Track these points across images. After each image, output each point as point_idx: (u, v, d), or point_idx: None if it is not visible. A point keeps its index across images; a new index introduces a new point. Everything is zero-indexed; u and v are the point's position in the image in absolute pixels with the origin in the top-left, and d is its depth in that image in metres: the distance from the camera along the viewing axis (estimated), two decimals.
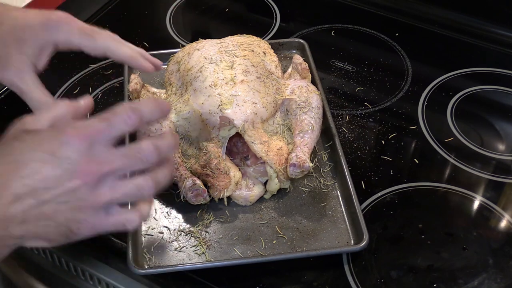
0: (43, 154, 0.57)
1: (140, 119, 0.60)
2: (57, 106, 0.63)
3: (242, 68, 0.91)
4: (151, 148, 0.60)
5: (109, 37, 0.76)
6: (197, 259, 0.81)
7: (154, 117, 0.62)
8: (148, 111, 0.61)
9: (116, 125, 0.59)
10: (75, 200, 0.58)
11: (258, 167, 0.88)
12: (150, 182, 0.61)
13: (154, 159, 0.61)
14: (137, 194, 0.61)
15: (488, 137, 1.00)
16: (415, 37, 1.19)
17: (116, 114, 0.60)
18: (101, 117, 0.60)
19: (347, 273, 0.80)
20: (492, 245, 0.84)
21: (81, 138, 0.58)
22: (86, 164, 0.57)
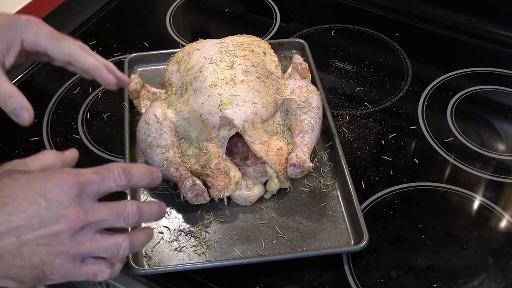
0: (32, 194, 0.57)
1: (129, 182, 0.62)
2: (46, 154, 0.65)
3: (242, 68, 0.91)
4: (135, 210, 0.62)
5: (76, 45, 0.75)
6: (197, 259, 0.81)
7: (143, 182, 0.64)
8: (139, 176, 0.63)
9: (106, 181, 0.61)
10: (55, 244, 0.58)
11: (258, 167, 0.88)
12: (127, 243, 0.62)
13: (134, 221, 0.62)
14: (113, 251, 0.61)
15: (488, 137, 1.00)
16: (415, 37, 1.19)
17: (108, 171, 0.61)
18: (94, 170, 0.61)
19: (347, 273, 0.80)
20: (492, 245, 0.84)
21: (73, 184, 0.58)
22: (74, 210, 0.58)
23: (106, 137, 0.99)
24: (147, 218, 0.65)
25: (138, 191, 0.89)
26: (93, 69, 0.75)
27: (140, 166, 0.65)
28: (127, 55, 1.08)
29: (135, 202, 0.63)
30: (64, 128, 1.01)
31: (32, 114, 0.68)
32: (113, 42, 1.18)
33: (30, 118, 0.68)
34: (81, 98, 1.06)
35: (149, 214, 0.64)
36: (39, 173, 0.61)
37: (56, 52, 0.74)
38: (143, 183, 0.64)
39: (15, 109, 0.68)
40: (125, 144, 0.92)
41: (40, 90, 1.10)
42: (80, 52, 0.74)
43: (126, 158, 0.90)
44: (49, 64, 1.07)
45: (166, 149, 0.87)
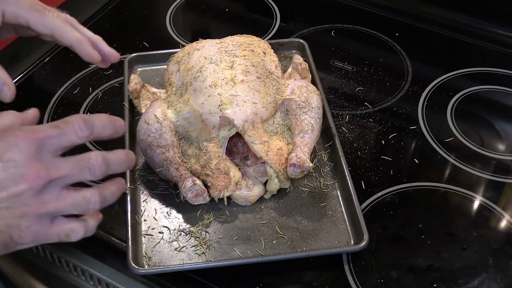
0: None
1: (91, 133, 0.59)
2: (4, 114, 0.62)
3: (242, 68, 0.91)
4: (100, 160, 0.59)
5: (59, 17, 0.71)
6: (197, 259, 0.81)
7: (107, 132, 0.61)
8: (101, 125, 0.60)
9: (67, 134, 0.58)
10: (19, 205, 0.55)
11: (258, 167, 0.88)
12: (96, 196, 0.59)
13: (101, 172, 0.59)
14: (83, 206, 0.59)
15: (488, 137, 1.00)
16: (415, 37, 1.19)
17: (68, 123, 0.58)
18: (53, 124, 0.58)
19: (347, 273, 0.80)
20: (492, 245, 0.84)
21: (29, 141, 0.56)
22: (33, 168, 0.55)
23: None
24: (115, 167, 0.61)
25: (138, 191, 0.89)
26: (76, 44, 0.71)
27: (102, 116, 0.61)
28: (127, 55, 1.08)
29: (100, 152, 0.60)
30: None
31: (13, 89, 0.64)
32: (113, 42, 1.17)
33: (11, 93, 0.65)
34: (81, 98, 1.06)
35: (116, 163, 0.61)
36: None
37: (38, 24, 0.70)
38: (106, 133, 0.60)
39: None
40: (125, 144, 0.92)
41: (40, 90, 1.10)
42: (63, 25, 0.70)
43: None
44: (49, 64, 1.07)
45: (166, 149, 0.87)
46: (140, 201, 0.88)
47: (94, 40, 0.73)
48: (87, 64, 1.12)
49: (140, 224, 0.85)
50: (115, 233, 0.84)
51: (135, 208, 0.86)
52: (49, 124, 0.58)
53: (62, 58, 1.14)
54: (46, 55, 1.14)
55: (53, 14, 0.70)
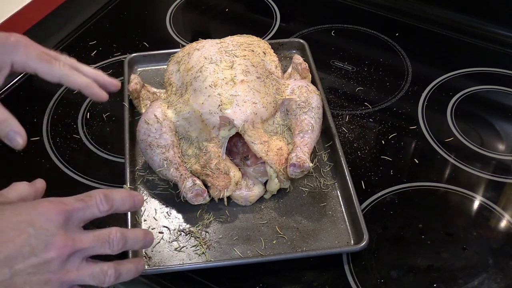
0: (20, 224, 0.58)
1: (111, 207, 0.64)
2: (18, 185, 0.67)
3: (242, 68, 0.91)
4: (119, 236, 0.63)
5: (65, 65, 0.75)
6: (197, 259, 0.81)
7: (125, 207, 0.66)
8: (120, 200, 0.65)
9: (90, 207, 0.62)
10: (45, 272, 0.58)
11: (258, 167, 0.88)
12: (113, 270, 0.63)
13: (119, 247, 0.63)
14: (100, 278, 0.62)
15: (488, 137, 1.00)
16: (415, 37, 1.19)
17: (91, 198, 0.63)
18: (77, 197, 0.62)
19: (347, 273, 0.80)
20: (492, 245, 0.84)
21: (59, 212, 0.59)
22: (62, 238, 0.59)
23: (106, 137, 0.99)
24: (132, 244, 0.66)
25: (138, 191, 0.89)
26: (85, 88, 0.75)
27: (122, 191, 0.66)
28: (127, 55, 1.08)
29: (119, 229, 0.64)
30: (64, 128, 1.01)
31: (25, 138, 0.68)
32: (113, 42, 1.18)
33: (24, 142, 0.68)
34: (81, 98, 1.06)
35: (134, 241, 0.65)
36: (22, 204, 0.62)
37: (46, 74, 0.73)
38: (125, 207, 0.66)
39: (8, 134, 0.68)
40: (125, 144, 0.92)
41: (40, 90, 1.09)
42: (70, 73, 0.74)
43: (126, 158, 0.90)
44: None
45: (166, 149, 0.87)
46: None
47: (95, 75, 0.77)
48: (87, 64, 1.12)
49: (140, 224, 0.85)
50: None
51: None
52: (74, 197, 0.62)
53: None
54: None
55: (59, 64, 0.74)
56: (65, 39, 1.18)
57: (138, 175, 0.91)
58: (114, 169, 0.94)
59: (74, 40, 1.18)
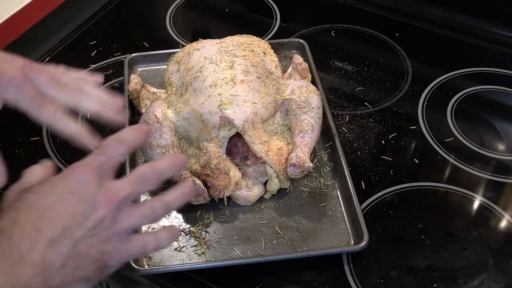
0: (62, 195, 0.59)
1: (129, 147, 0.64)
2: (34, 169, 0.66)
3: (242, 68, 0.91)
4: (150, 170, 0.63)
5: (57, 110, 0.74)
6: (197, 259, 0.81)
7: (140, 140, 0.65)
8: (133, 137, 0.65)
9: (112, 155, 0.62)
10: (102, 230, 0.59)
11: (258, 167, 0.88)
12: (160, 202, 0.63)
13: (157, 178, 0.63)
14: (151, 215, 0.62)
15: (488, 137, 1.00)
16: (415, 37, 1.19)
17: (107, 147, 0.63)
18: (96, 153, 0.63)
19: (347, 273, 0.80)
20: (492, 245, 0.84)
21: (91, 173, 0.60)
22: (103, 194, 0.59)
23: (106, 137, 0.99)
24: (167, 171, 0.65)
25: None
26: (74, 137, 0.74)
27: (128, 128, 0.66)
28: (127, 55, 1.08)
29: (147, 164, 0.64)
30: None
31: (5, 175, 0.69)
32: (113, 42, 1.18)
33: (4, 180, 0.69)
34: None
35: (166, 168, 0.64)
36: (53, 178, 0.61)
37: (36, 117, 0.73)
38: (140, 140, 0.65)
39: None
40: None
41: None
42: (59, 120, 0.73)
43: (126, 158, 0.90)
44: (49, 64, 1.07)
45: (166, 149, 0.87)
46: (140, 201, 0.88)
47: (101, 103, 0.76)
48: (87, 64, 1.13)
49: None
50: None
51: None
52: (93, 155, 0.63)
53: (62, 58, 1.14)
54: (46, 55, 1.14)
55: (50, 108, 0.73)
56: (65, 39, 1.18)
57: None
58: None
59: (74, 40, 1.18)
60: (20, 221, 0.57)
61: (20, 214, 0.58)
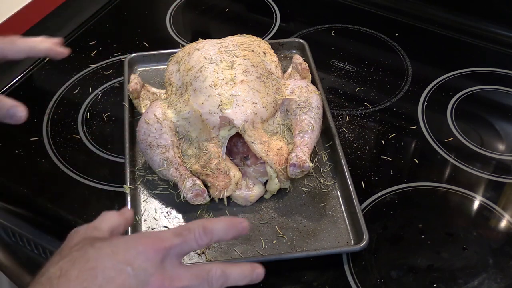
0: (119, 263, 0.57)
1: (210, 240, 0.61)
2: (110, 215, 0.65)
3: (242, 68, 0.91)
4: (219, 273, 0.60)
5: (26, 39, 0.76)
6: (197, 259, 0.81)
7: (229, 237, 0.62)
8: (222, 232, 0.61)
9: (188, 242, 0.60)
10: None
11: (258, 167, 0.88)
12: None
13: (219, 284, 0.60)
14: None
15: (488, 137, 1.00)
16: (415, 37, 1.19)
17: (190, 231, 0.60)
18: (175, 232, 0.60)
19: (347, 273, 0.80)
20: (492, 245, 0.84)
21: (157, 250, 0.58)
22: (159, 277, 0.57)
23: (106, 137, 0.99)
24: (236, 280, 0.61)
25: (138, 191, 0.89)
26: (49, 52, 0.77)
27: (223, 220, 0.62)
28: (127, 55, 1.09)
29: (220, 265, 0.61)
30: (64, 128, 1.01)
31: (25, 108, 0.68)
32: (113, 42, 1.18)
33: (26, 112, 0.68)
34: (81, 98, 1.06)
35: (238, 277, 0.62)
36: (119, 240, 0.60)
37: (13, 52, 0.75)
38: (228, 237, 0.62)
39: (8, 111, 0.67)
40: (125, 144, 0.92)
41: (40, 90, 1.10)
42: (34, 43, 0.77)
43: (126, 158, 0.90)
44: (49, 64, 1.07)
45: (166, 149, 0.87)
46: (140, 201, 0.88)
47: None
48: (87, 64, 1.13)
49: (140, 224, 0.85)
50: None
51: (135, 208, 0.86)
52: (172, 232, 0.60)
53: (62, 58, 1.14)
54: None
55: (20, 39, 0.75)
56: (65, 39, 1.18)
57: (138, 175, 0.91)
58: (114, 169, 0.94)
59: (74, 40, 1.18)
60: (70, 275, 0.56)
61: (73, 267, 0.56)
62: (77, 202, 0.90)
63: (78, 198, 0.90)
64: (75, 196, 0.91)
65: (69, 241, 0.61)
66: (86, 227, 0.63)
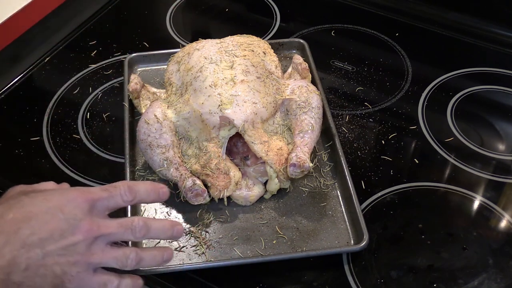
0: (51, 209, 0.63)
1: (134, 197, 0.67)
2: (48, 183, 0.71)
3: (242, 68, 0.91)
4: (141, 224, 0.66)
5: None
6: (197, 259, 0.81)
7: (150, 199, 0.70)
8: (145, 192, 0.68)
9: (114, 197, 0.66)
10: (73, 253, 0.63)
11: (258, 167, 0.88)
12: (134, 254, 0.66)
13: (142, 234, 0.67)
14: (122, 261, 0.66)
15: (488, 137, 1.00)
16: (415, 37, 1.19)
17: (115, 188, 0.67)
18: (103, 187, 0.67)
19: (347, 273, 0.80)
20: (492, 245, 0.84)
21: (85, 200, 0.64)
22: (88, 222, 0.63)
23: (106, 137, 0.99)
24: (157, 234, 0.69)
25: None
26: None
27: (147, 183, 0.70)
28: (127, 55, 1.08)
29: (143, 217, 0.68)
30: (64, 128, 1.01)
31: None
32: (113, 42, 1.18)
33: None
34: (81, 98, 1.06)
35: (158, 231, 0.68)
36: (53, 191, 0.66)
37: None
38: (150, 199, 0.69)
39: None
40: (125, 144, 0.92)
41: (40, 90, 1.09)
42: None
43: (126, 158, 0.90)
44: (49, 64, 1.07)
45: (166, 149, 0.87)
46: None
47: None
48: (87, 64, 1.13)
49: None
50: None
51: (135, 208, 0.86)
52: (100, 187, 0.67)
53: (62, 58, 1.14)
54: (46, 55, 1.14)
55: None
56: (65, 39, 1.18)
57: (138, 175, 0.91)
58: (114, 169, 0.94)
59: (74, 40, 1.18)
60: (6, 217, 0.62)
61: (9, 211, 0.62)
62: None
63: None
64: None
65: (6, 195, 0.67)
66: (23, 186, 0.69)
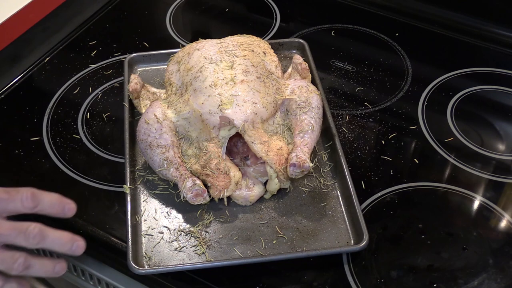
0: None
1: (35, 206, 0.65)
2: None
3: (242, 68, 0.91)
4: (37, 231, 0.64)
5: None
6: (197, 259, 0.81)
7: (53, 211, 0.67)
8: (48, 203, 0.66)
9: (14, 201, 0.64)
10: None
11: (258, 167, 0.88)
12: (23, 259, 0.64)
13: (35, 242, 0.64)
14: (8, 263, 0.64)
15: (488, 137, 1.00)
16: (415, 37, 1.19)
17: (18, 192, 0.64)
18: (5, 189, 0.64)
19: (347, 273, 0.80)
20: (492, 245, 0.84)
21: None
22: None
23: (106, 137, 0.99)
24: (52, 245, 0.66)
25: (138, 191, 0.89)
26: None
27: (53, 195, 0.67)
28: (127, 55, 1.08)
29: (41, 225, 0.65)
30: (64, 128, 1.01)
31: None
32: (113, 42, 1.18)
33: None
34: (81, 98, 1.06)
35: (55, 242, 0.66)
36: None
37: None
38: (53, 211, 0.67)
39: None
40: (125, 144, 0.92)
41: (40, 90, 1.10)
42: None
43: (126, 158, 0.90)
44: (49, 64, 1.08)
45: (166, 149, 0.87)
46: (140, 201, 0.88)
47: None
48: (87, 64, 1.13)
49: (140, 224, 0.85)
50: (115, 233, 0.84)
51: (135, 208, 0.86)
52: (2, 189, 0.64)
53: (62, 58, 1.14)
54: (46, 55, 1.14)
55: None
56: (65, 39, 1.18)
57: (138, 175, 0.91)
58: (114, 169, 0.94)
59: (74, 40, 1.18)
60: None
61: None
62: (77, 202, 0.89)
63: (78, 198, 0.90)
64: (75, 196, 0.90)
65: None
66: None
